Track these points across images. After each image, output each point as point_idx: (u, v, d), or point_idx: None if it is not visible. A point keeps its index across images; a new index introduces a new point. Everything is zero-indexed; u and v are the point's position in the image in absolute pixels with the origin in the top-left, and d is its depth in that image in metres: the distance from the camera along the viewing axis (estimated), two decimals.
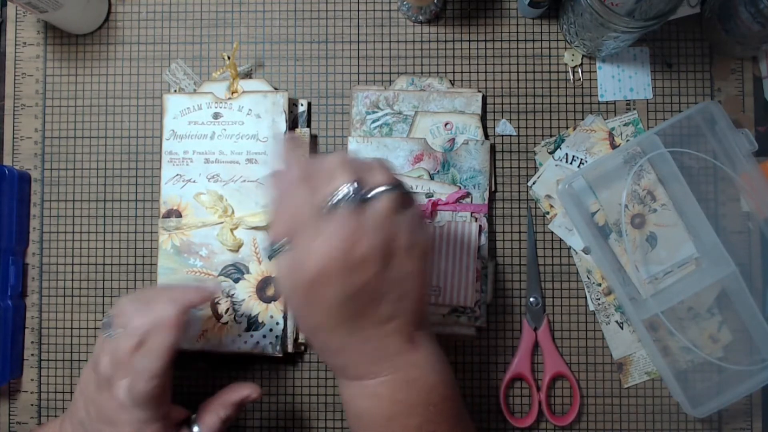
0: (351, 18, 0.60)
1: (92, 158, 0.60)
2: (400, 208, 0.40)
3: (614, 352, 0.57)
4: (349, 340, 0.41)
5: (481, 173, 0.57)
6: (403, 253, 0.40)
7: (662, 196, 0.57)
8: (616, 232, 0.57)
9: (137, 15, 0.61)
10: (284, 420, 0.58)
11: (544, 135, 0.59)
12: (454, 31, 0.60)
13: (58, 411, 0.58)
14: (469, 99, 0.58)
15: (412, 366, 0.42)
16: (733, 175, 0.56)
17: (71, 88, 0.60)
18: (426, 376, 0.42)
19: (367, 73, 0.60)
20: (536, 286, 0.58)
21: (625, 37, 0.53)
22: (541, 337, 0.57)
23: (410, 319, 0.42)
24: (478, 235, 0.56)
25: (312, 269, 0.38)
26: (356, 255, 0.38)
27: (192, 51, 0.60)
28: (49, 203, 0.60)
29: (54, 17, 0.57)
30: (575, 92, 0.59)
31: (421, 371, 0.42)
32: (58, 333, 0.59)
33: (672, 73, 0.59)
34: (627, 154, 0.57)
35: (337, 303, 0.39)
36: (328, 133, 0.59)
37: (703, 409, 0.53)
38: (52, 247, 0.59)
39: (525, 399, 0.58)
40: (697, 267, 0.57)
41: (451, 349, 0.58)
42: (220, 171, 0.57)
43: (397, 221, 0.40)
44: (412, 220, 0.41)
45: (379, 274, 0.39)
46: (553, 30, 0.59)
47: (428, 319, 0.45)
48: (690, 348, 0.54)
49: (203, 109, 0.57)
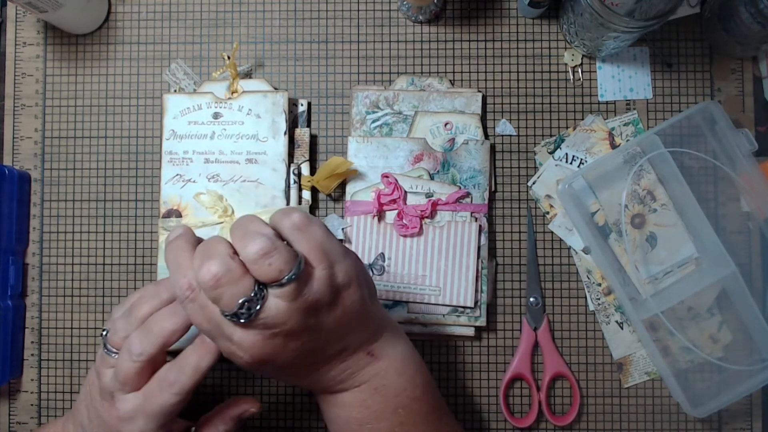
0: (351, 18, 0.60)
1: (92, 158, 0.60)
2: (301, 287, 0.37)
3: (614, 352, 0.57)
4: (307, 376, 0.42)
5: (481, 173, 0.57)
6: (325, 310, 0.39)
7: (662, 196, 0.57)
8: (616, 232, 0.57)
9: (137, 15, 0.61)
10: (284, 420, 0.58)
11: (544, 135, 0.59)
12: (454, 31, 0.60)
13: (58, 411, 0.58)
14: (469, 99, 0.58)
15: (375, 376, 0.43)
16: (733, 175, 0.56)
17: (71, 88, 0.60)
18: (392, 382, 0.43)
19: (367, 73, 0.60)
20: (536, 286, 0.58)
21: (625, 37, 0.53)
22: (541, 337, 0.57)
23: (362, 340, 0.42)
24: (478, 235, 0.56)
25: (245, 362, 0.39)
26: (279, 350, 0.39)
27: (192, 51, 0.60)
28: (49, 203, 0.60)
29: (54, 17, 0.57)
30: (575, 92, 0.59)
31: (386, 378, 0.43)
32: (58, 333, 0.59)
33: (672, 73, 0.59)
34: (627, 154, 0.57)
35: (280, 369, 0.41)
36: (328, 133, 0.59)
37: (703, 409, 0.53)
38: (52, 247, 0.59)
39: (525, 399, 0.58)
40: (697, 267, 0.57)
41: (451, 349, 0.58)
42: (220, 171, 0.57)
43: (302, 298, 0.37)
44: (321, 277, 0.38)
45: (307, 343, 0.39)
46: (553, 30, 0.59)
47: (386, 322, 0.45)
48: (690, 348, 0.54)
49: (203, 109, 0.57)
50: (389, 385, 0.43)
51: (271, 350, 0.38)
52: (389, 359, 0.43)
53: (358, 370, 0.42)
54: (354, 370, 0.42)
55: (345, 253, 0.40)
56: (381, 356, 0.43)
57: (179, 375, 0.43)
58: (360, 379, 0.43)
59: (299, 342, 0.39)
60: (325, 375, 0.42)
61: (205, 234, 0.56)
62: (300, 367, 0.41)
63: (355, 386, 0.43)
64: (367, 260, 0.56)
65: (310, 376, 0.42)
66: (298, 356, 0.40)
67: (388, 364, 0.43)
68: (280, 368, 0.41)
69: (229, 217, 0.56)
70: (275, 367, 0.40)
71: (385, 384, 0.43)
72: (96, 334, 0.59)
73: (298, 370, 0.42)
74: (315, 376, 0.42)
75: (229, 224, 0.56)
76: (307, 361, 0.41)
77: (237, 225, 0.39)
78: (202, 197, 0.56)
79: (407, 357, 0.44)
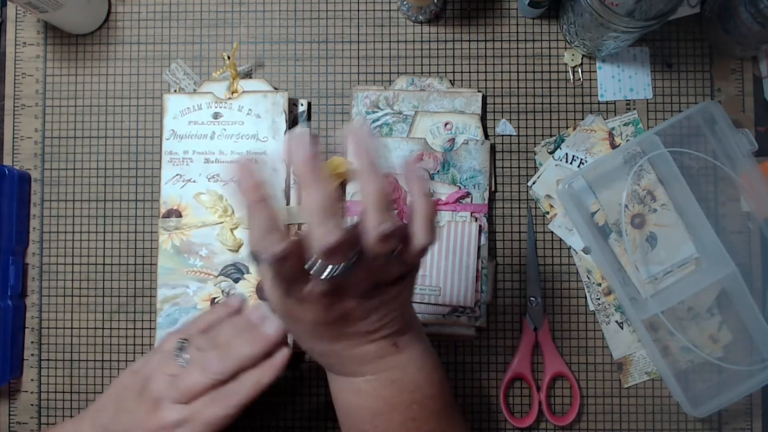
0: (351, 18, 0.60)
1: (92, 158, 0.60)
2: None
3: (614, 352, 0.57)
4: (332, 347, 0.42)
5: (481, 173, 0.57)
6: (383, 284, 0.40)
7: (662, 196, 0.57)
8: (616, 232, 0.57)
9: (137, 15, 0.61)
10: (284, 420, 0.58)
11: (544, 135, 0.59)
12: (454, 31, 0.60)
13: (58, 411, 0.58)
14: (469, 99, 0.58)
15: (395, 367, 0.43)
16: (733, 175, 0.56)
17: (71, 88, 0.60)
18: (410, 376, 0.43)
19: (367, 73, 0.60)
20: (536, 286, 0.58)
21: (625, 37, 0.53)
22: (541, 337, 0.57)
23: (393, 329, 0.42)
24: (478, 235, 0.56)
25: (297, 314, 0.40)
26: (331, 305, 0.39)
27: (192, 51, 0.60)
28: (49, 203, 0.60)
29: (54, 17, 0.57)
30: (575, 92, 0.59)
31: (404, 372, 0.43)
32: (58, 333, 0.59)
33: (672, 73, 0.59)
34: (627, 154, 0.57)
35: (315, 326, 0.41)
36: (328, 133, 0.59)
37: (703, 409, 0.53)
38: (52, 247, 0.59)
39: (525, 399, 0.58)
40: (697, 267, 0.57)
41: (451, 349, 0.58)
42: (220, 171, 0.57)
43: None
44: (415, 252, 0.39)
45: (355, 308, 0.40)
46: (553, 30, 0.59)
47: (415, 320, 0.46)
48: (690, 348, 0.54)
49: (203, 109, 0.57)
50: (406, 380, 0.43)
51: (327, 304, 0.39)
52: (411, 353, 0.43)
53: (380, 357, 0.42)
54: (376, 357, 0.42)
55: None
56: (404, 350, 0.43)
57: (238, 388, 0.44)
58: (380, 367, 0.42)
59: (353, 303, 0.39)
60: (349, 350, 0.42)
61: (205, 234, 0.56)
62: (333, 333, 0.41)
63: (373, 373, 0.43)
64: None
65: (338, 343, 0.41)
66: (341, 316, 0.40)
67: (409, 358, 0.43)
68: (317, 324, 0.40)
69: (229, 217, 0.56)
70: (314, 323, 0.40)
71: (400, 378, 0.43)
72: (96, 334, 0.59)
73: (330, 335, 0.41)
74: (339, 346, 0.42)
75: (229, 224, 0.56)
76: (340, 325, 0.40)
77: (372, 191, 0.36)
78: (202, 197, 0.56)
79: (426, 355, 0.44)
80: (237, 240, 0.56)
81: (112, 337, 0.59)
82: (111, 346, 0.59)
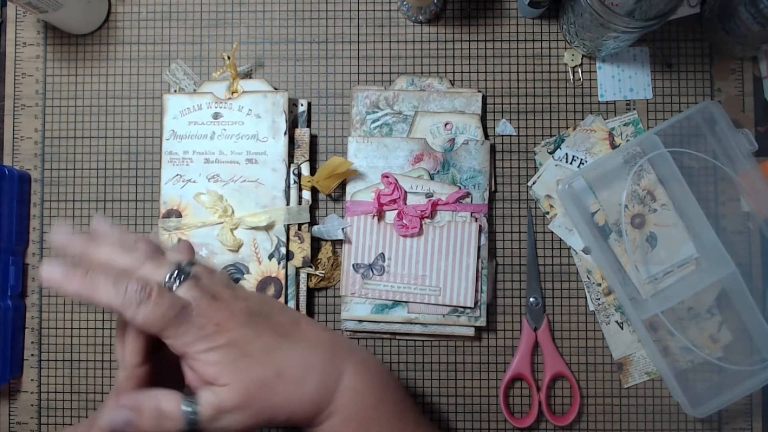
0: (351, 18, 0.60)
1: (92, 158, 0.60)
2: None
3: (614, 352, 0.57)
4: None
5: (481, 173, 0.57)
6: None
7: (662, 196, 0.57)
8: (616, 232, 0.57)
9: (137, 15, 0.61)
10: None
11: (544, 135, 0.59)
12: (454, 31, 0.60)
13: (58, 411, 0.58)
14: (469, 99, 0.58)
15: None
16: (733, 175, 0.56)
17: (71, 88, 0.60)
18: (359, 415, 0.42)
19: (367, 73, 0.60)
20: (536, 286, 0.58)
21: (625, 37, 0.53)
22: (541, 337, 0.57)
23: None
24: (478, 235, 0.56)
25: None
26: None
27: (192, 51, 0.60)
28: (49, 203, 0.60)
29: (54, 17, 0.57)
30: (575, 92, 0.59)
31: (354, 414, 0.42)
32: (58, 333, 0.59)
33: (672, 73, 0.59)
34: (627, 154, 0.57)
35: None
36: (328, 133, 0.59)
37: (703, 409, 0.53)
38: (52, 247, 0.59)
39: (525, 399, 0.58)
40: (697, 267, 0.57)
41: (451, 349, 0.58)
42: (220, 171, 0.57)
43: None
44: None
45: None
46: (553, 30, 0.59)
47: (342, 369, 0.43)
48: (690, 348, 0.54)
49: (203, 109, 0.57)
50: (358, 418, 0.42)
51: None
52: (344, 412, 0.42)
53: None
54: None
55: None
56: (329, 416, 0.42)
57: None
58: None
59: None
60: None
61: (205, 234, 0.56)
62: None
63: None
64: (367, 260, 0.56)
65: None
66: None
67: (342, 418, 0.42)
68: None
69: (229, 217, 0.56)
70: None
71: (352, 417, 0.42)
72: (96, 335, 0.59)
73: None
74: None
75: (229, 224, 0.56)
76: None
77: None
78: (202, 197, 0.56)
79: (360, 395, 0.43)
80: (237, 240, 0.56)
81: (112, 337, 0.59)
82: (111, 346, 0.59)
